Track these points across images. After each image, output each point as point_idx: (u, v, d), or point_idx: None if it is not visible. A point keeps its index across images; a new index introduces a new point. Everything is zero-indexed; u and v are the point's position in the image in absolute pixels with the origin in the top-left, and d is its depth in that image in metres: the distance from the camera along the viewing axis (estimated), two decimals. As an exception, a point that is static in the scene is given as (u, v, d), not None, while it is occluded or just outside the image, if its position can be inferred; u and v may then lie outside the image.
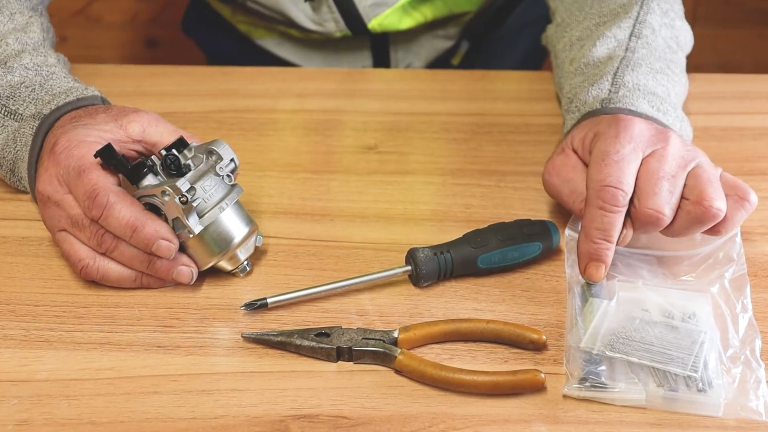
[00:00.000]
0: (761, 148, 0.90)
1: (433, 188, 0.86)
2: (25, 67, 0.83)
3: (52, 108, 0.79)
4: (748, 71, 1.09)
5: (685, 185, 0.71)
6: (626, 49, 0.85)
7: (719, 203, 0.70)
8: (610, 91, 0.82)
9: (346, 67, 1.14)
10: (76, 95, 0.81)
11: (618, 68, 0.83)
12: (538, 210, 0.83)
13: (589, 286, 0.72)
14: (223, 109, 0.97)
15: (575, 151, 0.76)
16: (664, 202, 0.70)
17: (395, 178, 0.87)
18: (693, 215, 0.70)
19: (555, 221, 0.78)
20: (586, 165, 0.74)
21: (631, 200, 0.71)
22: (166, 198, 0.70)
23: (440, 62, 1.18)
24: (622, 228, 0.71)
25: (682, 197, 0.71)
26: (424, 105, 0.98)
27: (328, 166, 0.89)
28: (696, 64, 0.94)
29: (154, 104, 0.96)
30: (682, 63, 0.89)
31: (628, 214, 0.71)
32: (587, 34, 0.89)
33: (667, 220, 0.70)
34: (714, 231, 0.72)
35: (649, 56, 0.85)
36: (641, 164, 0.71)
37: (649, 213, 0.70)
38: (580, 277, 0.73)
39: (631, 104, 0.80)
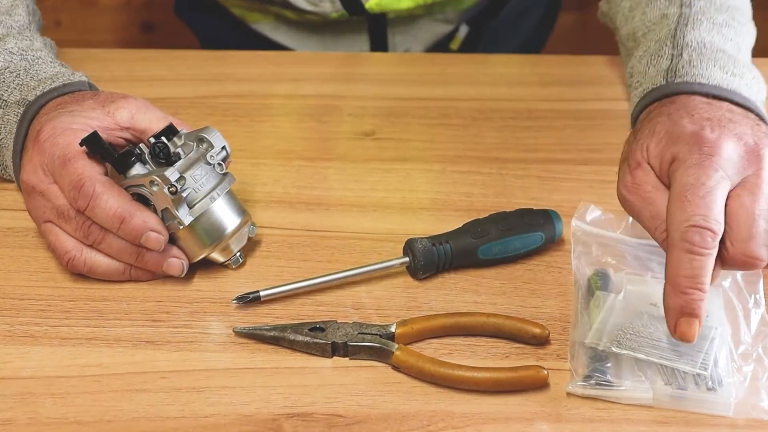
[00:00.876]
0: (771, 134, 0.87)
1: (432, 176, 0.83)
2: (10, 52, 0.80)
3: (38, 94, 0.76)
4: (752, 55, 1.06)
5: None
6: (681, 4, 0.77)
7: None
8: (672, 56, 0.73)
9: (343, 51, 1.12)
10: (63, 81, 0.78)
11: (676, 28, 0.74)
12: (541, 199, 0.80)
13: (596, 279, 0.70)
14: (216, 94, 0.94)
15: (653, 168, 0.65)
16: (761, 246, 0.60)
17: (393, 165, 0.85)
18: None
19: (558, 211, 0.75)
20: (666, 186, 0.64)
21: (722, 239, 0.61)
22: (155, 188, 0.67)
23: (439, 47, 1.16)
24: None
25: None
26: (422, 90, 0.95)
27: (324, 154, 0.86)
28: None
29: (144, 89, 0.93)
30: (747, 9, 0.80)
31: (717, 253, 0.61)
32: (637, 1, 0.84)
33: (764, 264, 0.61)
34: None
35: (709, 7, 0.76)
36: (731, 196, 0.61)
37: (744, 260, 0.61)
38: (587, 270, 0.71)
39: (700, 75, 0.70)
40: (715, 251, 0.60)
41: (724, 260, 0.62)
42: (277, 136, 0.88)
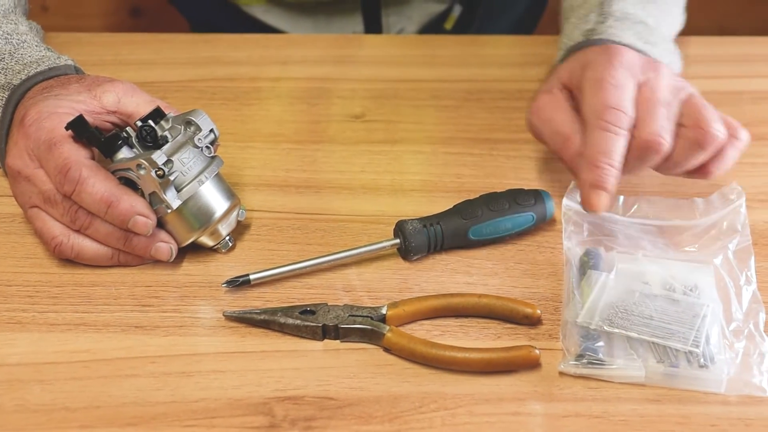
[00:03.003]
0: (760, 112, 0.87)
1: (423, 157, 0.83)
2: None
3: (23, 78, 0.75)
4: (743, 36, 1.05)
5: (680, 114, 0.69)
6: None
7: (718, 125, 0.68)
8: (596, 22, 0.78)
9: (337, 33, 1.11)
10: (48, 65, 0.77)
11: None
12: (533, 179, 0.80)
13: (587, 258, 0.69)
14: (205, 77, 0.93)
15: (565, 87, 0.73)
16: (663, 128, 0.67)
17: (383, 147, 0.84)
18: (693, 140, 0.68)
19: (550, 190, 0.75)
20: (576, 102, 0.72)
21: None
22: (142, 172, 0.66)
23: (433, 26, 1.15)
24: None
25: (679, 125, 0.69)
26: (413, 71, 0.94)
27: (313, 136, 0.85)
28: (690, 28, 0.90)
29: (132, 73, 0.92)
30: None
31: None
32: None
33: (667, 146, 0.68)
34: (705, 171, 0.70)
35: None
36: (636, 92, 0.69)
37: (649, 139, 0.67)
38: (578, 249, 0.71)
39: (615, 36, 0.76)
40: (627, 133, 0.67)
41: (632, 148, 0.68)
42: (267, 119, 0.88)
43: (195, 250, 0.72)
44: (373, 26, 1.11)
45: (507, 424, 0.60)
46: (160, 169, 0.66)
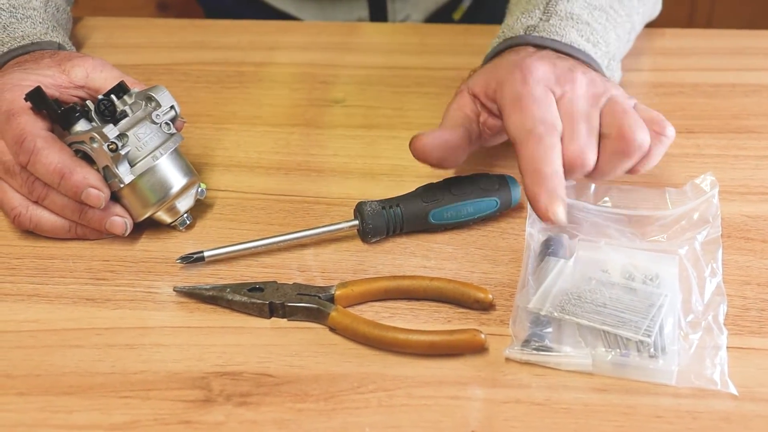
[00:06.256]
0: (751, 105, 0.84)
1: (397, 142, 0.81)
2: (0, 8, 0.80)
3: (4, 51, 0.76)
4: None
5: (601, 123, 0.66)
6: None
7: (642, 134, 0.65)
8: (540, 19, 0.76)
9: (342, 19, 1.10)
10: (31, 40, 0.78)
11: None
12: (506, 166, 0.78)
13: (547, 245, 0.68)
14: (191, 61, 0.93)
15: (475, 96, 0.71)
16: (585, 144, 0.65)
17: (359, 132, 0.83)
18: (617, 150, 0.65)
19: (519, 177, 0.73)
20: (486, 112, 0.71)
21: None
22: (95, 144, 0.66)
23: (440, 16, 1.14)
24: None
25: (602, 136, 0.66)
26: (398, 59, 0.93)
27: (291, 120, 0.85)
28: (720, 26, 0.87)
29: (120, 56, 0.93)
30: (630, 17, 0.82)
31: None
32: None
33: (591, 162, 0.65)
34: (632, 171, 0.67)
35: None
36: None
37: (572, 157, 0.64)
38: (540, 236, 0.69)
39: (556, 33, 0.74)
40: (558, 142, 0.64)
41: None
42: (246, 102, 0.87)
43: (155, 227, 0.72)
44: (379, 12, 1.10)
45: (444, 407, 0.58)
46: (112, 142, 0.66)
